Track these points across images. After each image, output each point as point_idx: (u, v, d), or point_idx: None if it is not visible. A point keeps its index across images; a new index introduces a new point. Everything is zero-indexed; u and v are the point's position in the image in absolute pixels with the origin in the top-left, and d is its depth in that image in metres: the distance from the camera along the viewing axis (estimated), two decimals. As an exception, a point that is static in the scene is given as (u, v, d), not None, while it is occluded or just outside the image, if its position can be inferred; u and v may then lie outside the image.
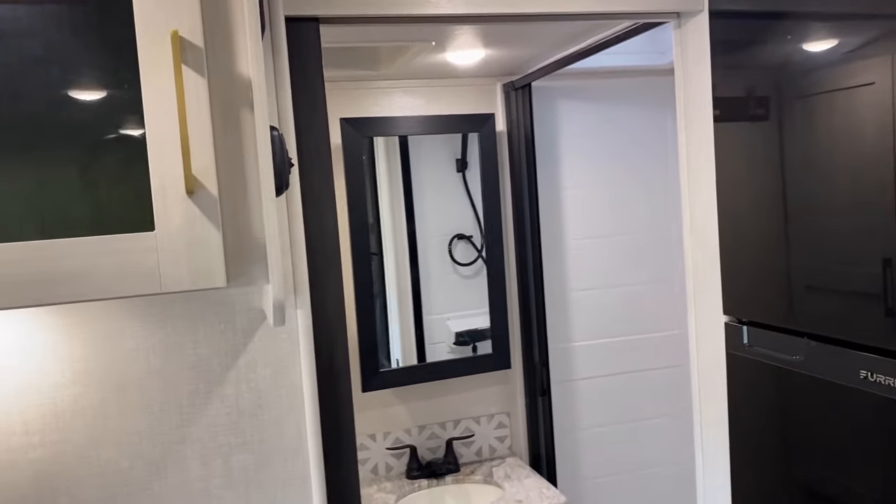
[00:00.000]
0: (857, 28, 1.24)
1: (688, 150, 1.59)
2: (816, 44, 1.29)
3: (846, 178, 1.24)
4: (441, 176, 2.70)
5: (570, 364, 2.80)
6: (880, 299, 1.16)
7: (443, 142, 2.67)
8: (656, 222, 2.85)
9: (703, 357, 1.59)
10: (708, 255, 1.55)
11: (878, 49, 1.20)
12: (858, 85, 1.24)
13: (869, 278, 1.18)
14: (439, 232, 2.72)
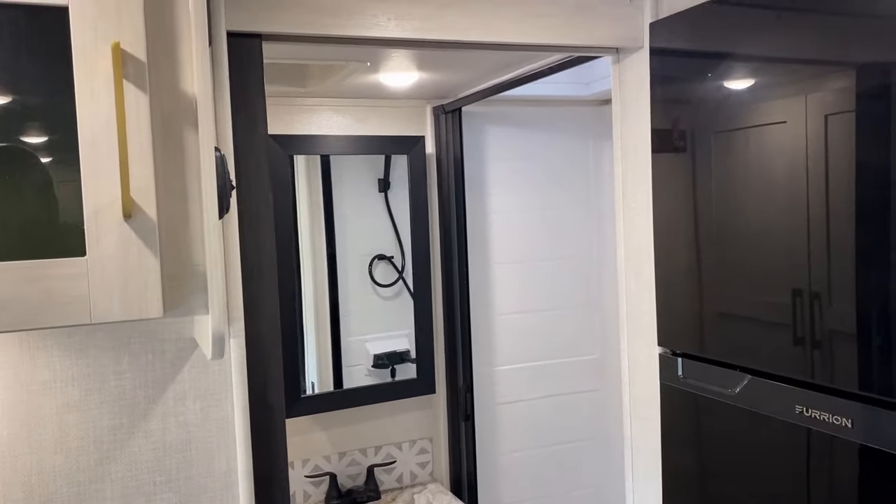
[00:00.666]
0: (773, 70, 1.29)
1: (624, 182, 1.61)
2: (736, 83, 1.34)
3: (760, 212, 1.29)
4: (363, 195, 2.66)
5: (493, 388, 2.80)
6: (807, 334, 1.20)
7: (365, 161, 2.63)
8: (578, 248, 2.89)
9: (635, 387, 1.61)
10: (643, 285, 1.57)
11: (792, 90, 1.26)
12: (772, 123, 1.30)
13: (790, 311, 1.22)
14: (360, 252, 2.68)
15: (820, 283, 1.21)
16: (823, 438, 1.17)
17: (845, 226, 1.17)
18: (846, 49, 1.18)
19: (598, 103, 2.86)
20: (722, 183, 1.37)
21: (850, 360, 1.15)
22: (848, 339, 1.16)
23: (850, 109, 1.17)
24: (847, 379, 1.15)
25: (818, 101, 1.23)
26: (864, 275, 1.14)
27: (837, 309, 1.18)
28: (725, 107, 1.36)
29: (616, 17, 1.51)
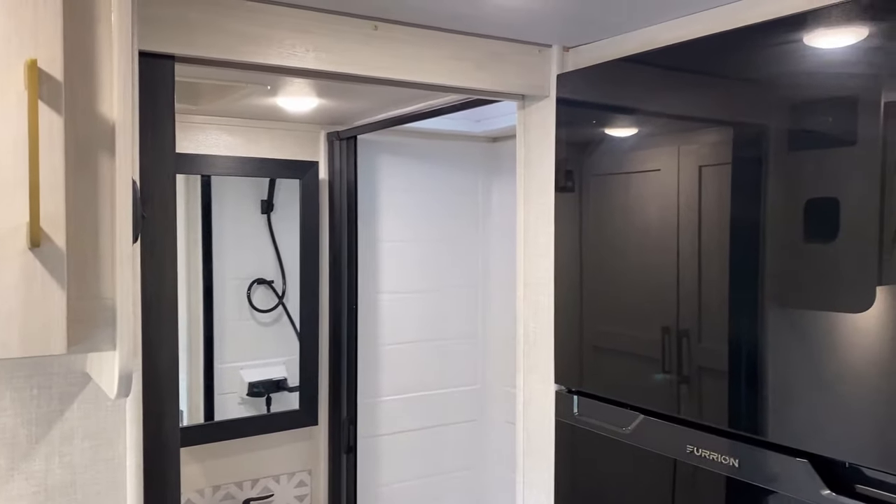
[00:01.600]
0: (652, 122, 1.39)
1: (525, 223, 1.66)
2: (622, 132, 1.45)
3: (636, 254, 1.38)
4: (244, 217, 2.59)
5: (376, 419, 2.78)
6: (675, 369, 1.28)
7: (248, 181, 2.56)
8: (465, 280, 2.94)
9: (530, 422, 1.66)
10: (541, 323, 1.62)
11: (667, 141, 1.36)
12: (648, 170, 1.41)
13: (660, 347, 1.31)
14: (238, 276, 2.59)
15: (688, 321, 1.31)
16: (713, 478, 1.25)
17: (713, 269, 1.28)
18: (722, 108, 1.29)
19: (488, 140, 2.94)
20: (605, 224, 1.46)
21: (721, 399, 1.25)
22: (718, 378, 1.26)
23: (723, 162, 1.28)
24: (718, 417, 1.25)
25: (693, 153, 1.33)
26: (728, 316, 1.25)
27: (706, 347, 1.28)
28: (612, 153, 1.46)
29: (525, 66, 1.57)
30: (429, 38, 1.46)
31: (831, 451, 1.12)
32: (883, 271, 1.08)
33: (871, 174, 1.08)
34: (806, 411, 1.15)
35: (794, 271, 1.18)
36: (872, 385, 1.08)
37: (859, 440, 1.09)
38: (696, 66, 1.34)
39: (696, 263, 1.32)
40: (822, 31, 1.13)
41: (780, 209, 1.20)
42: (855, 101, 1.11)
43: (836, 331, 1.12)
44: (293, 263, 2.62)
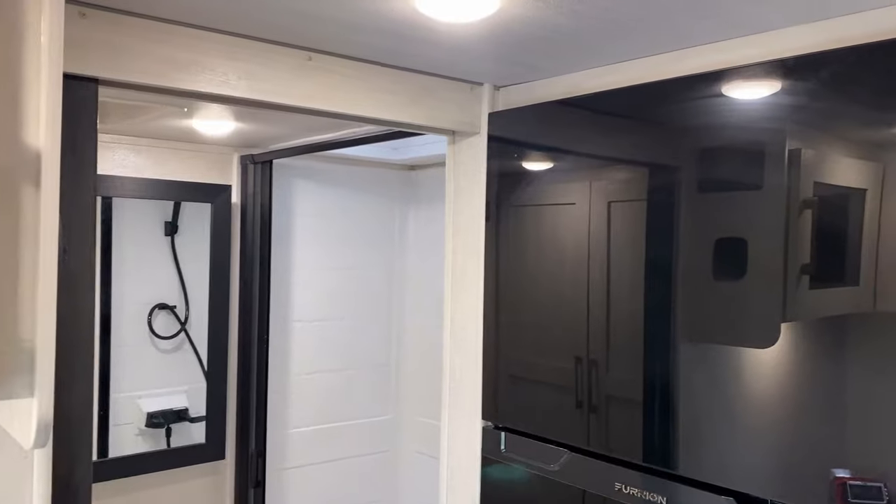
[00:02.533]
0: (567, 159, 1.44)
1: (453, 258, 1.66)
2: (544, 168, 1.49)
3: (554, 287, 1.42)
4: (146, 239, 2.47)
5: (286, 452, 2.69)
6: (604, 408, 1.32)
7: (152, 202, 2.44)
8: (379, 308, 2.91)
9: (454, 458, 1.64)
10: (467, 359, 1.62)
11: (581, 176, 1.42)
12: (564, 203, 1.45)
13: (572, 377, 1.34)
14: (139, 300, 2.47)
15: (598, 353, 1.35)
16: (643, 514, 1.28)
17: (622, 302, 1.33)
18: (640, 151, 1.34)
19: (406, 168, 2.93)
20: (527, 257, 1.49)
21: (635, 433, 1.29)
22: (630, 412, 1.29)
23: (635, 199, 1.33)
24: (632, 451, 1.29)
25: (602, 189, 1.38)
26: (640, 350, 1.29)
27: (617, 379, 1.32)
28: (535, 190, 1.51)
29: (457, 103, 1.58)
30: (363, 71, 1.44)
31: (746, 487, 1.16)
32: (787, 309, 1.14)
33: (776, 217, 1.15)
34: (716, 446, 1.20)
35: (704, 307, 1.23)
36: (781, 420, 1.13)
37: (771, 475, 1.14)
38: (617, 112, 1.39)
39: (605, 296, 1.37)
40: (736, 86, 1.20)
41: (691, 247, 1.25)
42: (762, 149, 1.18)
43: (744, 366, 1.18)
44: (198, 288, 2.52)
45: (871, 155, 1.07)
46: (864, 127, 1.08)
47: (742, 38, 1.24)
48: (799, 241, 1.14)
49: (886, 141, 1.05)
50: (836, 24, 1.13)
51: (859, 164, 1.09)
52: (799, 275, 1.15)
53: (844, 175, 1.11)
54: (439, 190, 2.81)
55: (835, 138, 1.10)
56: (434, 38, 1.28)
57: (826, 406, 1.10)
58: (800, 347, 1.13)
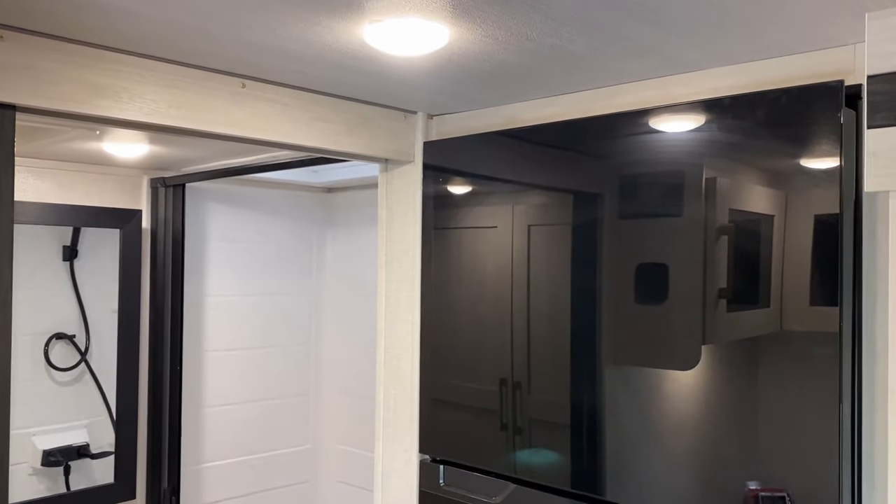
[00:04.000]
0: (490, 184, 1.46)
1: (386, 287, 1.64)
2: (476, 197, 1.51)
3: (481, 311, 1.43)
4: (42, 263, 2.32)
5: (201, 488, 2.57)
6: (510, 422, 1.33)
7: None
8: (297, 336, 2.83)
9: (389, 493, 1.61)
10: (402, 390, 1.59)
11: (503, 200, 1.44)
12: (486, 226, 1.47)
13: (497, 399, 1.35)
14: (33, 330, 2.31)
15: (521, 375, 1.38)
16: (589, 547, 1.29)
17: (545, 322, 1.36)
18: (567, 180, 1.37)
19: (323, 191, 2.88)
20: (459, 282, 1.49)
21: (563, 460, 1.31)
22: (557, 438, 1.31)
23: (554, 223, 1.36)
24: (561, 479, 1.31)
25: (522, 213, 1.41)
26: (565, 374, 1.32)
27: (541, 400, 1.34)
28: (467, 217, 1.51)
29: (392, 132, 1.56)
30: (298, 99, 1.40)
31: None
32: (707, 331, 1.19)
33: (695, 242, 1.20)
34: (640, 469, 1.23)
35: (627, 330, 1.27)
36: (701, 439, 1.17)
37: (693, 493, 1.18)
38: (548, 144, 1.41)
39: (526, 318, 1.39)
40: (661, 121, 1.25)
41: (613, 271, 1.29)
42: (682, 178, 1.22)
43: (668, 388, 1.21)
44: (99, 316, 2.38)
45: (775, 183, 1.13)
46: (768, 158, 1.15)
47: (672, 77, 1.29)
48: (716, 266, 1.18)
49: (786, 171, 1.11)
50: (755, 67, 1.22)
51: (767, 192, 1.15)
52: (717, 298, 1.19)
53: (755, 202, 1.16)
54: (357, 212, 2.79)
55: (746, 168, 1.16)
56: (377, 70, 1.26)
57: (741, 422, 1.15)
58: (719, 368, 1.17)
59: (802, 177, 1.10)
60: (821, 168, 1.09)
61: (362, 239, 2.78)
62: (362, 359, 2.75)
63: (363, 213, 2.78)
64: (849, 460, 1.07)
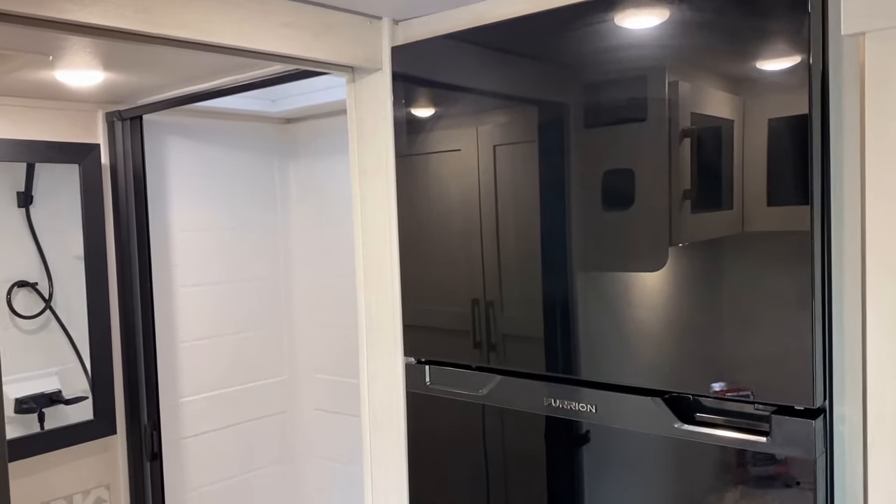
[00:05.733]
0: (456, 98, 1.46)
1: (361, 200, 1.65)
2: (424, 110, 1.51)
3: (451, 229, 1.46)
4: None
5: (179, 422, 2.59)
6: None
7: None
8: (265, 269, 2.83)
9: (376, 399, 1.65)
10: (383, 301, 1.61)
11: (468, 121, 1.45)
12: (449, 150, 1.48)
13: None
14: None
15: (492, 294, 1.41)
16: (573, 426, 1.34)
17: (511, 240, 1.39)
18: (532, 86, 1.38)
19: (282, 121, 2.85)
20: (433, 197, 1.50)
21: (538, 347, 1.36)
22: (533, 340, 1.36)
23: (526, 140, 1.38)
24: (536, 364, 1.36)
25: (487, 133, 1.42)
26: (538, 284, 1.35)
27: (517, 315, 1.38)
28: (441, 126, 1.50)
29: (358, 38, 1.54)
30: (263, 4, 1.38)
31: (638, 381, 1.26)
32: (673, 233, 1.23)
33: (660, 146, 1.23)
34: (612, 371, 1.28)
35: (595, 238, 1.30)
36: (669, 338, 1.23)
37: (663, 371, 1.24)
38: (510, 47, 1.41)
39: (505, 228, 1.41)
40: (625, 14, 1.25)
41: (579, 182, 1.31)
42: (644, 81, 1.24)
43: (635, 290, 1.26)
44: (61, 262, 2.34)
45: (734, 89, 1.16)
46: (727, 63, 1.16)
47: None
48: (680, 169, 1.21)
49: (744, 77, 1.14)
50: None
51: (727, 97, 1.17)
52: (682, 200, 1.23)
53: (716, 107, 1.19)
54: (318, 143, 2.77)
55: (706, 72, 1.18)
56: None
57: (708, 322, 1.20)
58: (686, 269, 1.21)
59: (768, 73, 1.12)
60: (787, 60, 1.10)
61: (326, 170, 2.77)
62: (333, 289, 2.77)
63: (324, 143, 2.76)
64: (820, 359, 1.12)
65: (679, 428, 1.22)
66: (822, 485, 1.12)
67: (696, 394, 1.22)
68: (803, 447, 1.10)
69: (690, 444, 1.21)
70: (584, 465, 1.34)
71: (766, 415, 1.14)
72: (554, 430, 1.38)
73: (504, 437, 1.45)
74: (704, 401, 1.23)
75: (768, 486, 1.14)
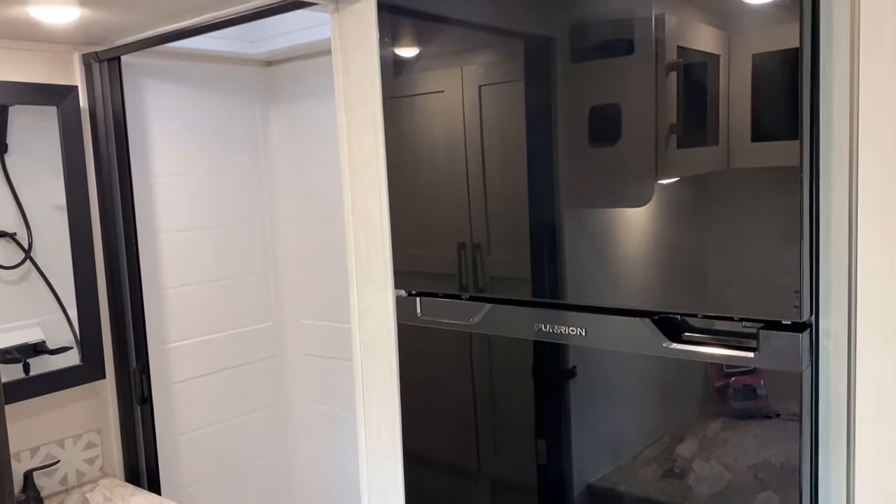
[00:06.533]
0: (439, 35, 1.45)
1: (348, 134, 1.63)
2: (409, 48, 1.49)
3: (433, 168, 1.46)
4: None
5: (168, 367, 2.59)
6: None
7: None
8: (249, 214, 2.82)
9: (367, 333, 1.66)
10: (372, 234, 1.62)
11: (449, 62, 1.44)
12: (434, 91, 1.47)
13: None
14: (-33, 231, 2.25)
15: (479, 236, 1.41)
16: (563, 350, 1.36)
17: (498, 179, 1.39)
18: (516, 20, 1.37)
19: (262, 64, 2.81)
20: (410, 143, 1.50)
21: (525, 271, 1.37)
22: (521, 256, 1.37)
23: (513, 78, 1.37)
24: (525, 291, 1.37)
25: (472, 73, 1.41)
26: (526, 224, 1.36)
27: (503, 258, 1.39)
28: (411, 79, 1.49)
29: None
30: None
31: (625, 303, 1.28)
32: (659, 169, 1.23)
33: (646, 80, 1.22)
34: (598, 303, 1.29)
35: (582, 175, 1.31)
36: (657, 252, 1.24)
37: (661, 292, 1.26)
38: None
39: (480, 177, 1.40)
40: None
41: (566, 119, 1.31)
42: (631, 14, 1.24)
43: (622, 226, 1.27)
44: (39, 211, 2.31)
45: (720, 23, 1.15)
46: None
47: None
48: (667, 103, 1.21)
49: (732, 9, 1.13)
50: None
51: (713, 32, 1.17)
52: (668, 135, 1.23)
53: (702, 41, 1.19)
54: (299, 85, 2.73)
55: (693, 5, 1.17)
56: None
57: (694, 244, 1.20)
58: (672, 204, 1.22)
59: (757, 5, 1.11)
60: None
61: (309, 113, 2.74)
62: (318, 234, 2.77)
63: (306, 86, 2.73)
64: (808, 275, 1.13)
65: (667, 347, 1.24)
66: (807, 397, 1.15)
67: (685, 313, 1.24)
68: (790, 361, 1.13)
69: (679, 363, 1.24)
70: (573, 389, 1.37)
71: (753, 332, 1.16)
72: (543, 354, 1.40)
73: (494, 364, 1.47)
74: (692, 321, 1.25)
75: (756, 400, 1.17)
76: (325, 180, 2.68)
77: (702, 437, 1.24)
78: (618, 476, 1.35)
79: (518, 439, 1.45)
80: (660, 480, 1.30)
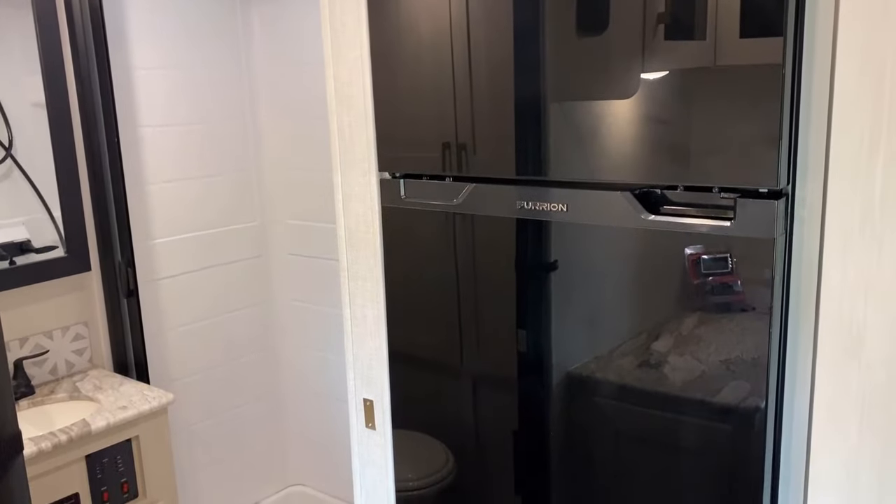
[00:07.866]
0: None
1: (331, 11, 1.61)
2: None
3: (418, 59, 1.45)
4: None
5: (154, 263, 2.61)
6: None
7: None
8: (231, 110, 2.78)
9: (352, 218, 1.67)
10: (355, 116, 1.61)
11: None
12: None
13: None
14: (-51, 128, 2.22)
15: (464, 136, 1.41)
16: (545, 226, 1.38)
17: (483, 65, 1.37)
18: None
19: (244, -44, 2.73)
20: (398, 31, 1.47)
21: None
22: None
23: None
24: (507, 169, 1.38)
25: None
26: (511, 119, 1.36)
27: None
28: None
29: None
30: None
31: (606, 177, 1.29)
32: (646, 60, 1.23)
33: None
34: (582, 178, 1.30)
35: (569, 66, 1.30)
36: (637, 127, 1.25)
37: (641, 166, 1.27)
38: None
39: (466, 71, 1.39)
40: None
41: (554, 5, 1.29)
42: None
43: (608, 117, 1.27)
44: (18, 110, 2.27)
45: None
46: None
47: None
48: None
49: None
50: None
51: None
52: (655, 24, 1.22)
53: None
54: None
55: None
56: None
57: (674, 118, 1.21)
58: (656, 97, 1.22)
59: None
60: None
61: (288, 15, 2.68)
62: (302, 133, 2.75)
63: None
64: (786, 144, 1.14)
65: (646, 219, 1.27)
66: (779, 266, 1.18)
67: (665, 185, 1.25)
68: (765, 227, 1.15)
69: (657, 241, 1.26)
70: (554, 273, 1.40)
71: (730, 203, 1.19)
72: (525, 231, 1.42)
73: (477, 245, 1.49)
74: (671, 195, 1.27)
75: (731, 270, 1.21)
76: (306, 80, 2.65)
77: (677, 334, 1.28)
78: (595, 365, 1.40)
79: (499, 319, 1.49)
80: (636, 369, 1.34)
